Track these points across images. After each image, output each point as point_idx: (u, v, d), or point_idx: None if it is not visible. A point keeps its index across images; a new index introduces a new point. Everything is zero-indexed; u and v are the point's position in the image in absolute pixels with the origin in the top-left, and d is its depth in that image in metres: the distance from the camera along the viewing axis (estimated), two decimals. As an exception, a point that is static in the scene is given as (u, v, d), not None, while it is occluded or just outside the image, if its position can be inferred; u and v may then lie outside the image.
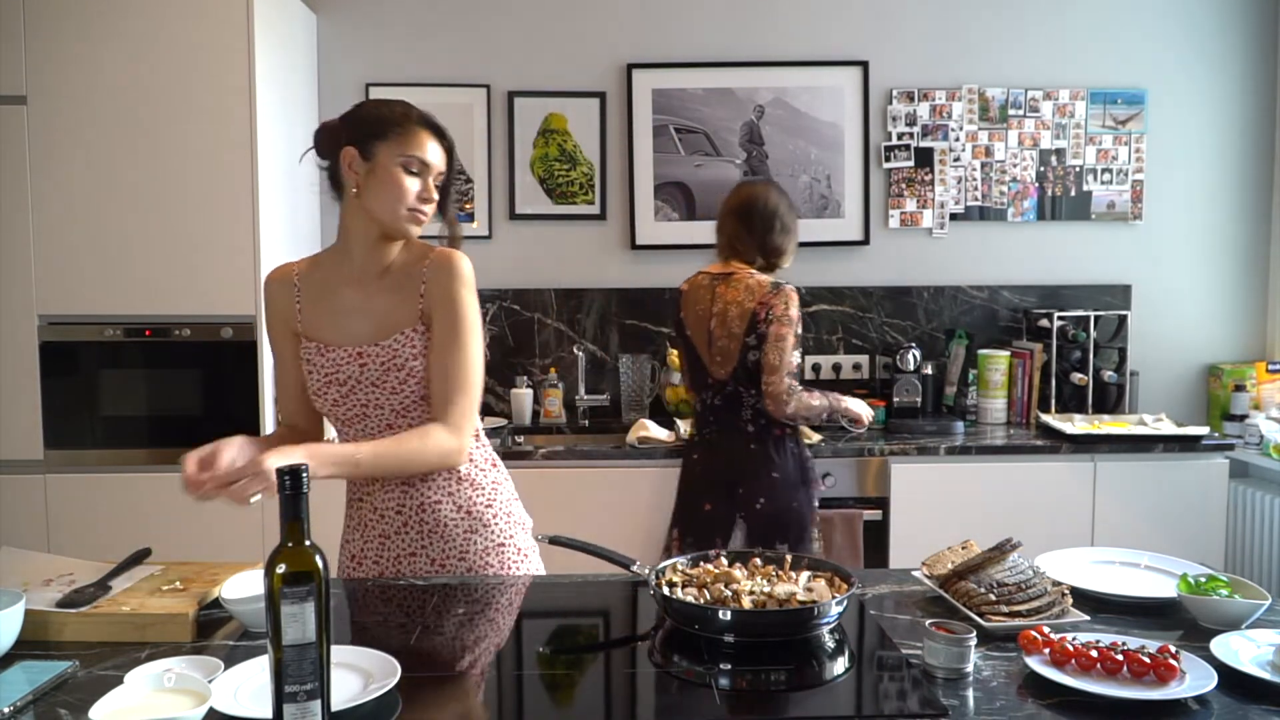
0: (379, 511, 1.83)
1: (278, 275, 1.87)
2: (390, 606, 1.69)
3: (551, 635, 1.63)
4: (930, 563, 1.72)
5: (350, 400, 1.77)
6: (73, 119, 2.95)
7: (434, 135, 1.77)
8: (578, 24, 3.67)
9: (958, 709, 1.27)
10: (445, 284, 1.76)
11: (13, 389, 3.01)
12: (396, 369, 1.74)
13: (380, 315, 1.77)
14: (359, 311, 1.78)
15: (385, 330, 1.76)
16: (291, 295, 1.84)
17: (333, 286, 1.81)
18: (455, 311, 1.75)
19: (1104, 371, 3.55)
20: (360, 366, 1.76)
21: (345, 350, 1.77)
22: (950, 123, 3.71)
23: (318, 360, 1.79)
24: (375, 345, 1.75)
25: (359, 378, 1.76)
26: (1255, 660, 1.38)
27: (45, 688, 1.31)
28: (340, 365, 1.77)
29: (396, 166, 1.74)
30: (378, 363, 1.75)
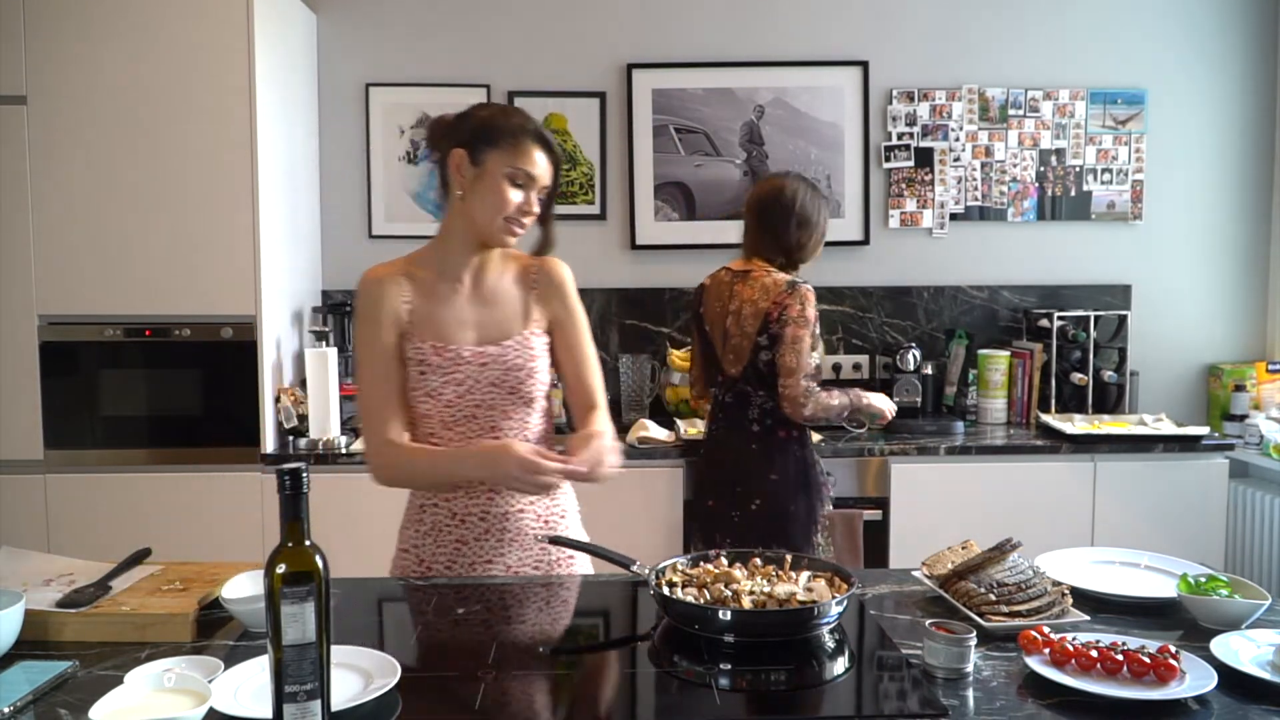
0: (458, 517, 1.83)
1: (382, 273, 1.82)
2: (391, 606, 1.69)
3: (551, 635, 1.63)
4: (930, 563, 1.73)
5: (465, 400, 1.79)
6: (73, 119, 2.95)
7: (544, 149, 1.78)
8: (578, 24, 3.67)
9: (958, 709, 1.27)
10: (563, 293, 1.88)
11: (13, 389, 3.01)
12: (515, 369, 1.80)
13: (495, 318, 1.82)
14: (473, 313, 1.82)
15: (502, 332, 1.82)
16: (400, 293, 1.81)
17: (439, 287, 1.82)
18: (578, 319, 1.89)
19: (1104, 371, 3.55)
20: (481, 367, 1.79)
21: (466, 350, 1.79)
22: (950, 123, 3.71)
23: (434, 360, 1.78)
24: (496, 346, 1.80)
25: (478, 378, 1.79)
26: (1255, 660, 1.38)
27: (45, 688, 1.31)
28: (459, 365, 1.78)
29: (503, 177, 1.75)
30: (499, 364, 1.79)
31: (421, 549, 1.86)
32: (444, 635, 1.58)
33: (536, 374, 1.82)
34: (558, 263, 1.89)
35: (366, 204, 3.66)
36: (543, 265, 1.88)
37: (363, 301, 1.81)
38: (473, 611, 1.68)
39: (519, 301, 1.85)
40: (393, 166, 3.66)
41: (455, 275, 1.83)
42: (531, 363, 1.81)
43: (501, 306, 1.83)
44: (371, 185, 3.66)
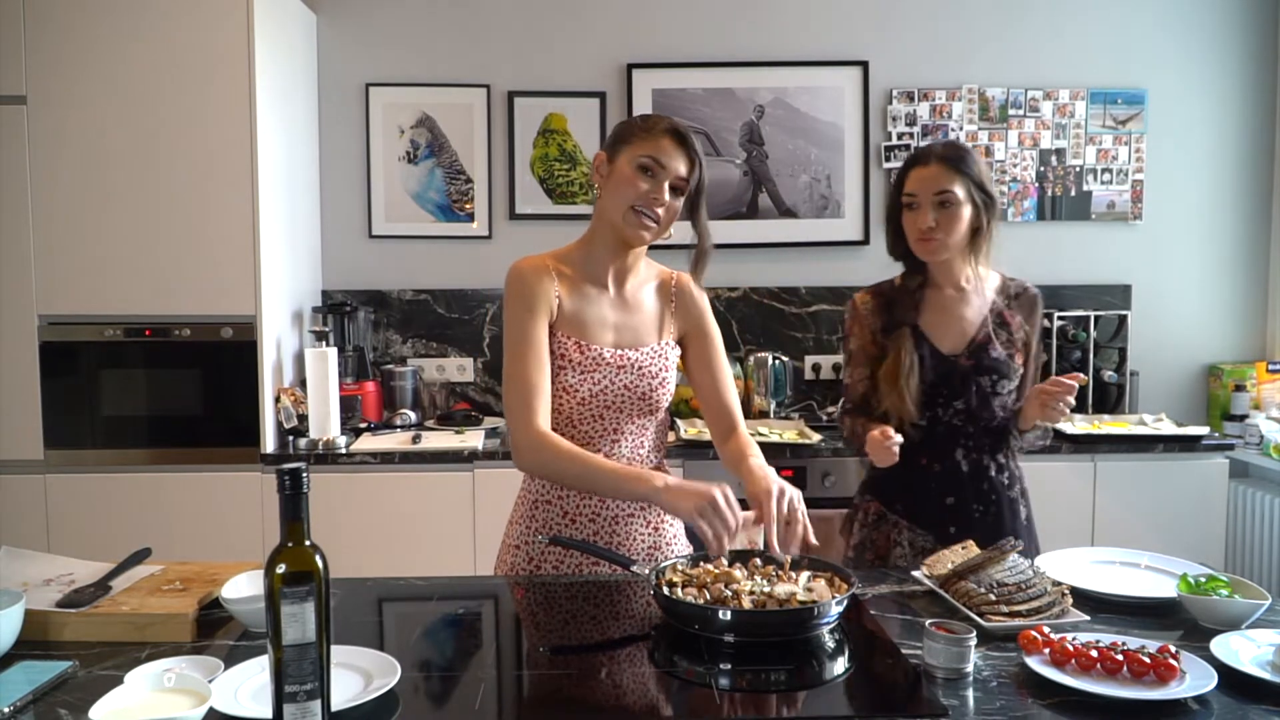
0: (569, 516, 1.84)
1: (534, 264, 1.83)
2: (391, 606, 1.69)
3: (551, 635, 1.63)
4: (930, 563, 1.73)
5: (597, 400, 1.81)
6: (73, 119, 2.95)
7: (678, 143, 1.78)
8: (578, 24, 3.67)
9: (958, 709, 1.27)
10: (699, 309, 1.92)
11: (13, 389, 3.01)
12: (650, 376, 1.83)
13: (634, 324, 1.85)
14: (614, 316, 1.85)
15: (640, 339, 1.86)
16: (552, 285, 1.82)
17: (584, 287, 1.84)
18: (715, 336, 1.93)
19: (1104, 371, 3.55)
20: (619, 369, 1.82)
21: (608, 350, 1.82)
22: (950, 123, 3.71)
23: (576, 356, 1.81)
24: (636, 351, 1.84)
25: (614, 380, 1.81)
26: (1255, 660, 1.38)
27: (45, 688, 1.31)
28: (600, 364, 1.81)
29: (633, 166, 1.77)
30: (636, 368, 1.83)
31: (531, 547, 1.86)
32: (444, 635, 1.58)
33: (667, 384, 1.86)
34: (692, 279, 1.91)
35: (366, 204, 3.66)
36: (680, 280, 1.92)
37: (518, 289, 1.81)
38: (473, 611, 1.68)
39: (657, 312, 1.89)
40: (393, 166, 3.66)
41: (598, 277, 1.85)
42: (665, 372, 1.85)
43: (641, 314, 1.87)
44: (371, 185, 3.66)
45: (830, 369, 3.71)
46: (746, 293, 3.72)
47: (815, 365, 3.71)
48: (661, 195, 1.76)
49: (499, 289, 3.72)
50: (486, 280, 3.66)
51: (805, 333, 3.73)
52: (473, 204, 3.67)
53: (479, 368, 3.68)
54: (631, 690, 1.40)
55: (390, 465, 3.08)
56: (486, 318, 3.67)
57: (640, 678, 1.43)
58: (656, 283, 1.91)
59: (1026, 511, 2.20)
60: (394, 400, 3.49)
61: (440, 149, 3.66)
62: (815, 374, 3.71)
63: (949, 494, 2.14)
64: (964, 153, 2.12)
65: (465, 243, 3.67)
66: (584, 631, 1.66)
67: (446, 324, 3.66)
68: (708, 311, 1.93)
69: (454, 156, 3.67)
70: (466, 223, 3.68)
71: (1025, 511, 2.20)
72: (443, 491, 3.07)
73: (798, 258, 3.72)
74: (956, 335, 2.18)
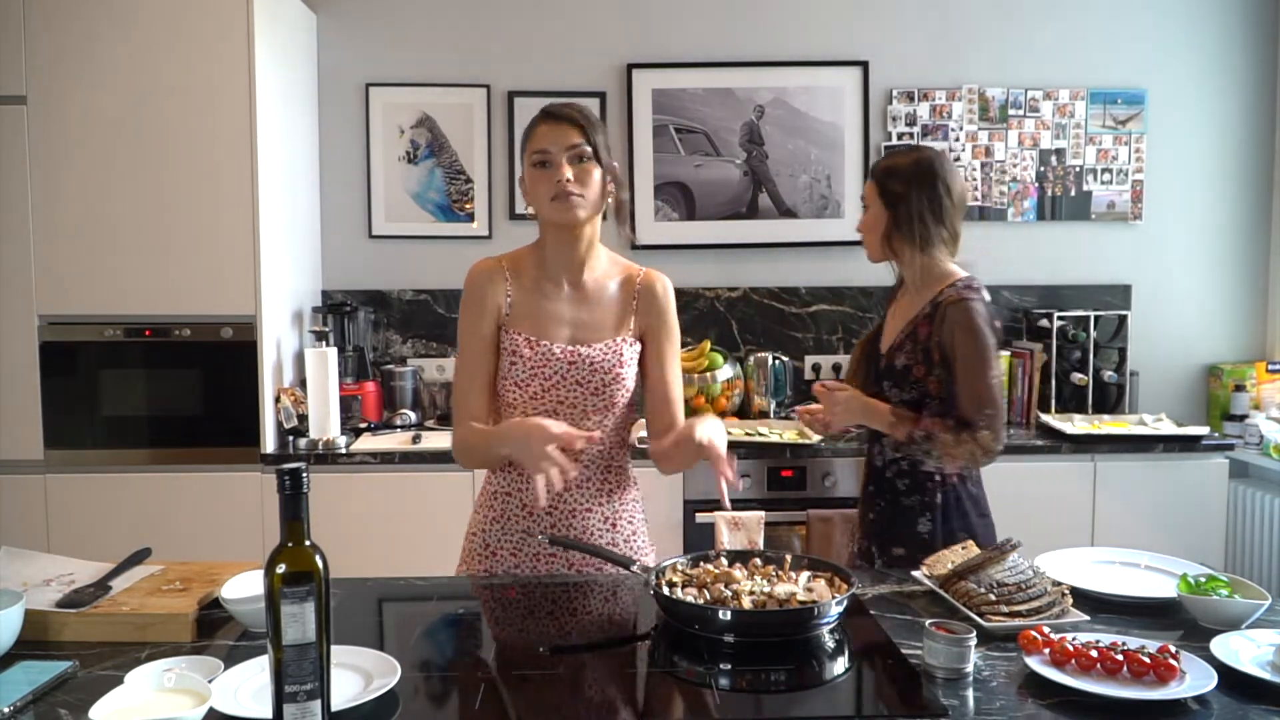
0: (527, 508, 1.86)
1: (487, 266, 1.89)
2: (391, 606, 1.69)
3: (551, 635, 1.63)
4: (930, 563, 1.73)
5: (548, 395, 1.82)
6: (73, 119, 2.95)
7: (554, 122, 1.81)
8: (578, 24, 3.67)
9: (958, 709, 1.27)
10: (663, 306, 1.91)
11: (13, 389, 3.01)
12: (604, 372, 1.83)
13: (591, 319, 1.86)
14: (570, 312, 1.86)
15: (596, 335, 1.86)
16: (503, 287, 1.87)
17: (541, 283, 1.87)
18: (675, 331, 1.93)
19: (1104, 371, 3.55)
20: (570, 364, 1.82)
21: (558, 346, 1.83)
22: (950, 123, 3.71)
23: (526, 352, 1.83)
24: (588, 346, 1.84)
25: (565, 374, 1.82)
26: (1255, 660, 1.38)
27: (45, 688, 1.31)
28: (549, 360, 1.82)
29: (531, 168, 1.83)
30: (588, 363, 1.83)
31: (489, 534, 1.89)
32: (444, 635, 1.58)
33: (623, 380, 1.85)
34: (660, 277, 1.92)
35: (366, 204, 3.66)
36: (646, 277, 1.91)
37: (467, 291, 1.88)
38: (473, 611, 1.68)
39: (617, 307, 1.88)
40: (393, 166, 3.66)
41: (555, 274, 1.87)
42: (620, 368, 1.85)
43: (599, 309, 1.87)
44: (371, 185, 3.66)
45: (830, 369, 3.71)
46: (746, 293, 3.72)
47: (815, 365, 3.71)
48: (563, 173, 1.78)
49: (499, 289, 3.73)
50: (486, 280, 3.65)
51: (805, 333, 3.73)
52: (473, 204, 3.67)
53: (479, 368, 3.68)
54: (631, 690, 1.40)
55: (390, 465, 3.08)
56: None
57: (640, 678, 1.43)
58: (621, 278, 1.91)
59: (931, 527, 2.12)
60: (394, 400, 3.49)
61: (440, 149, 3.66)
62: (815, 374, 3.70)
63: (869, 484, 2.27)
64: None
65: (465, 243, 3.67)
66: (584, 631, 1.67)
67: (446, 324, 3.66)
68: (671, 310, 1.92)
69: (454, 156, 3.67)
70: (466, 223, 3.68)
71: (930, 526, 2.12)
72: (443, 491, 3.07)
73: (798, 258, 3.72)
74: (890, 335, 2.25)
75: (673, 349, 1.93)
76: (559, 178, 1.78)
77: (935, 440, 2.05)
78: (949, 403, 2.08)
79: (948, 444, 2.03)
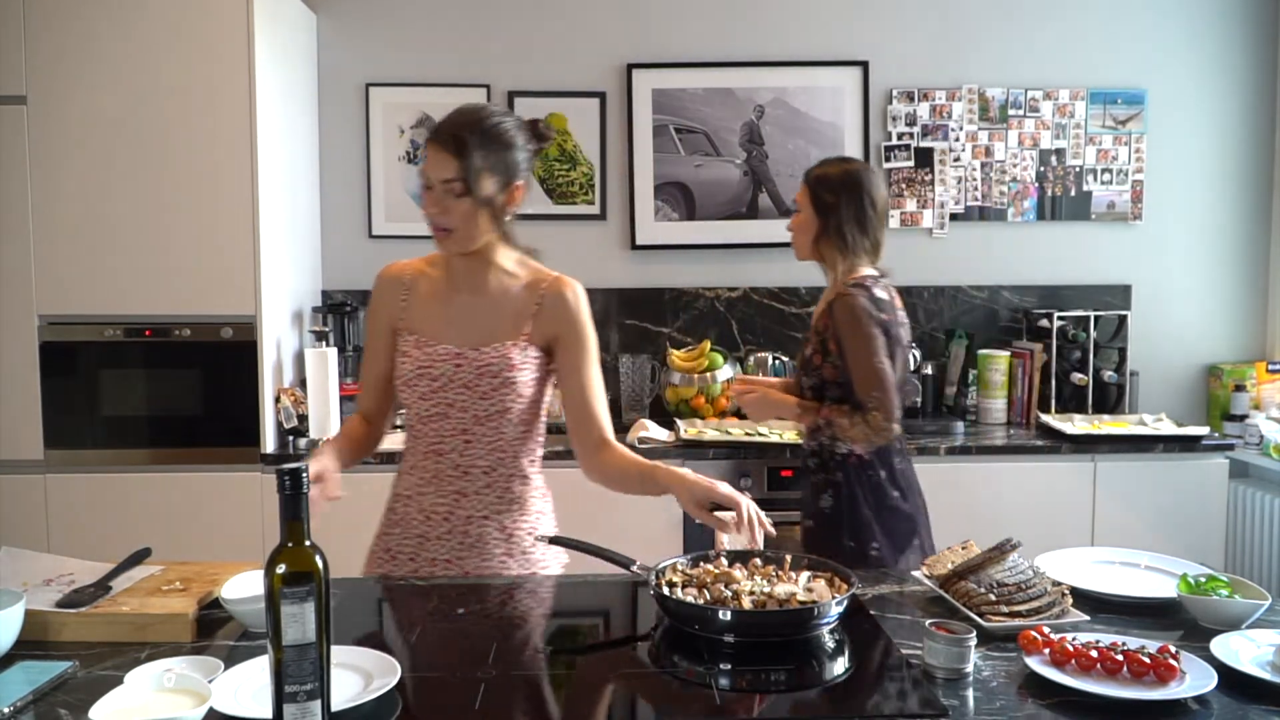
0: (425, 513, 1.86)
1: (391, 271, 1.93)
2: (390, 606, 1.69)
3: (551, 635, 1.63)
4: (930, 563, 1.73)
5: (436, 397, 1.82)
6: (73, 119, 2.95)
7: (438, 146, 1.76)
8: (578, 24, 3.67)
9: (958, 709, 1.27)
10: (571, 314, 1.86)
11: (13, 389, 3.01)
12: (490, 376, 1.81)
13: (485, 323, 1.84)
14: (465, 315, 1.85)
15: (486, 339, 1.83)
16: (399, 292, 1.90)
17: (444, 288, 1.87)
18: (584, 338, 1.87)
19: (1104, 371, 3.55)
20: (455, 366, 1.81)
21: (444, 348, 1.83)
22: (950, 123, 3.71)
23: (414, 353, 1.84)
24: (475, 350, 1.82)
25: (451, 376, 1.81)
26: (1255, 660, 1.38)
27: (45, 688, 1.31)
28: (435, 361, 1.82)
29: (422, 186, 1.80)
30: (473, 366, 1.81)
31: (389, 538, 1.91)
32: (444, 635, 1.58)
33: (514, 385, 1.81)
34: (570, 284, 1.88)
35: (366, 204, 3.66)
36: (554, 285, 1.87)
37: (371, 295, 1.94)
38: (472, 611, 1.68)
39: (515, 312, 1.85)
40: (393, 166, 3.66)
41: (455, 280, 1.87)
42: (510, 373, 1.81)
43: (495, 314, 1.84)
44: (371, 185, 3.66)
45: (830, 369, 3.71)
46: (746, 293, 3.72)
47: (815, 365, 3.71)
48: (430, 207, 1.76)
49: (499, 289, 3.72)
50: (486, 280, 3.66)
51: (805, 332, 3.73)
52: (473, 204, 3.67)
53: (479, 368, 3.68)
54: (631, 690, 1.40)
55: (390, 465, 3.04)
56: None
57: (640, 678, 1.43)
58: (526, 283, 1.87)
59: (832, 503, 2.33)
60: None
61: (440, 149, 3.66)
62: (815, 374, 3.70)
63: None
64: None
65: (465, 243, 3.66)
66: (584, 631, 1.67)
67: (446, 324, 3.66)
68: (581, 319, 1.86)
69: (454, 156, 3.66)
70: (466, 223, 3.68)
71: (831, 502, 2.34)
72: (443, 491, 3.06)
73: (797, 258, 3.72)
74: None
75: (587, 359, 1.88)
76: (429, 209, 1.77)
77: (834, 425, 2.28)
78: (846, 388, 2.29)
79: (844, 427, 2.26)
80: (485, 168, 1.75)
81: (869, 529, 2.30)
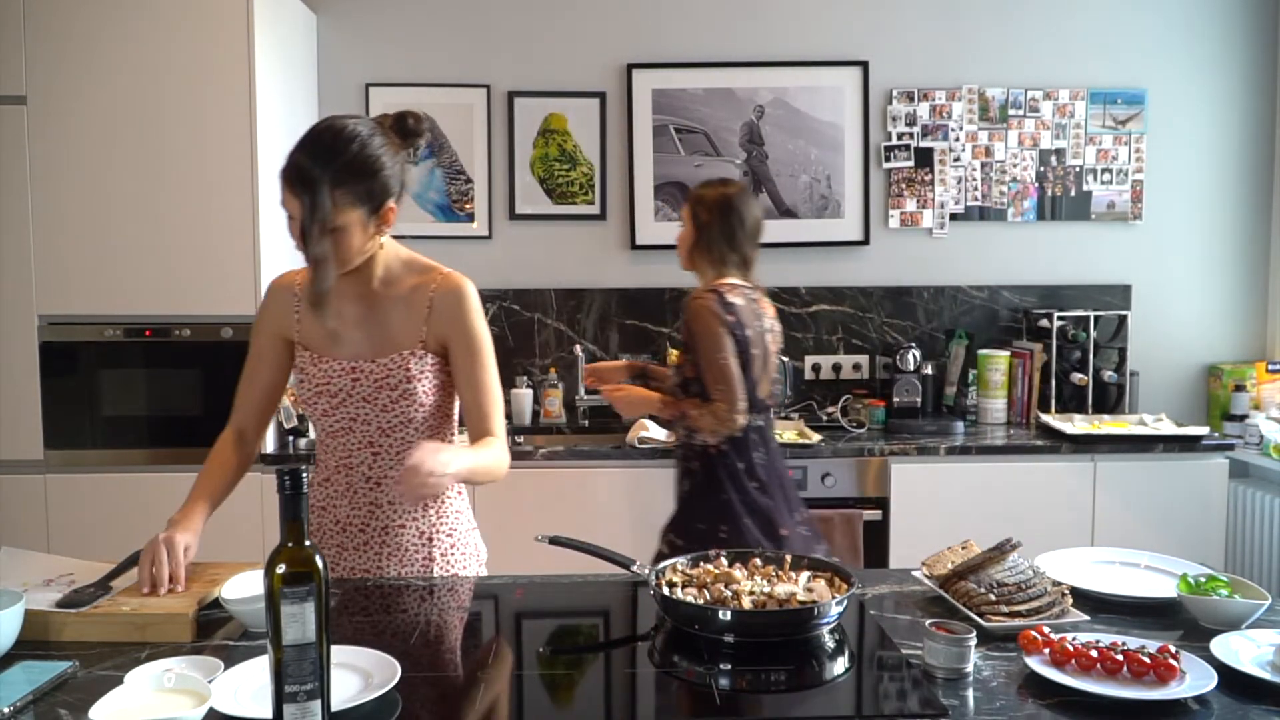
0: (341, 525, 1.83)
1: (283, 281, 1.88)
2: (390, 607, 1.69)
3: (551, 635, 1.63)
4: (930, 563, 1.73)
5: (338, 413, 1.78)
6: (73, 119, 2.95)
7: (284, 183, 1.65)
8: (578, 24, 3.67)
9: (958, 709, 1.27)
10: (458, 314, 1.77)
11: (13, 389, 3.01)
12: (390, 388, 1.75)
13: (380, 333, 1.78)
14: (359, 326, 1.78)
15: (383, 348, 1.77)
16: (291, 303, 1.83)
17: (333, 300, 1.73)
18: (475, 339, 1.78)
19: (1104, 371, 3.55)
20: (353, 380, 1.76)
21: (340, 363, 1.77)
22: (950, 123, 3.71)
23: (310, 370, 1.79)
24: (371, 362, 1.76)
25: (350, 391, 1.76)
26: (1255, 660, 1.38)
27: (45, 688, 1.31)
28: (333, 377, 1.77)
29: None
30: (371, 379, 1.75)
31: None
32: (444, 635, 1.58)
33: (414, 395, 1.75)
34: (459, 281, 1.79)
35: (366, 204, 3.66)
36: (442, 283, 1.77)
37: (261, 304, 1.89)
38: (473, 612, 1.68)
39: (410, 319, 1.76)
40: (393, 166, 3.66)
41: (345, 288, 1.75)
42: (407, 383, 1.75)
43: (390, 322, 1.77)
44: (371, 185, 3.66)
45: (830, 369, 3.72)
46: (746, 293, 3.72)
47: (815, 365, 3.71)
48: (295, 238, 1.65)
49: (499, 289, 3.75)
50: (486, 280, 3.66)
51: (805, 333, 3.73)
52: (473, 204, 3.67)
53: (479, 368, 3.68)
54: (631, 690, 1.40)
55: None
56: (486, 317, 3.66)
57: (640, 678, 1.43)
58: (414, 285, 1.77)
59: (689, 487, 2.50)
60: (394, 400, 3.49)
61: (440, 149, 3.66)
62: (815, 374, 3.71)
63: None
64: None
65: (465, 243, 3.67)
66: (584, 631, 1.66)
67: (446, 324, 3.65)
68: (468, 315, 1.77)
69: (454, 156, 3.67)
70: (466, 223, 3.68)
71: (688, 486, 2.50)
72: (443, 491, 3.06)
73: (798, 258, 3.72)
74: None
75: (475, 358, 1.77)
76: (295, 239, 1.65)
77: (687, 416, 2.44)
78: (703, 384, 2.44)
79: (695, 417, 2.42)
80: (348, 203, 1.63)
81: (720, 514, 2.43)
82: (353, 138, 1.65)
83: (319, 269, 1.63)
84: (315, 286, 1.64)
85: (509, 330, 3.68)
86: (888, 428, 3.42)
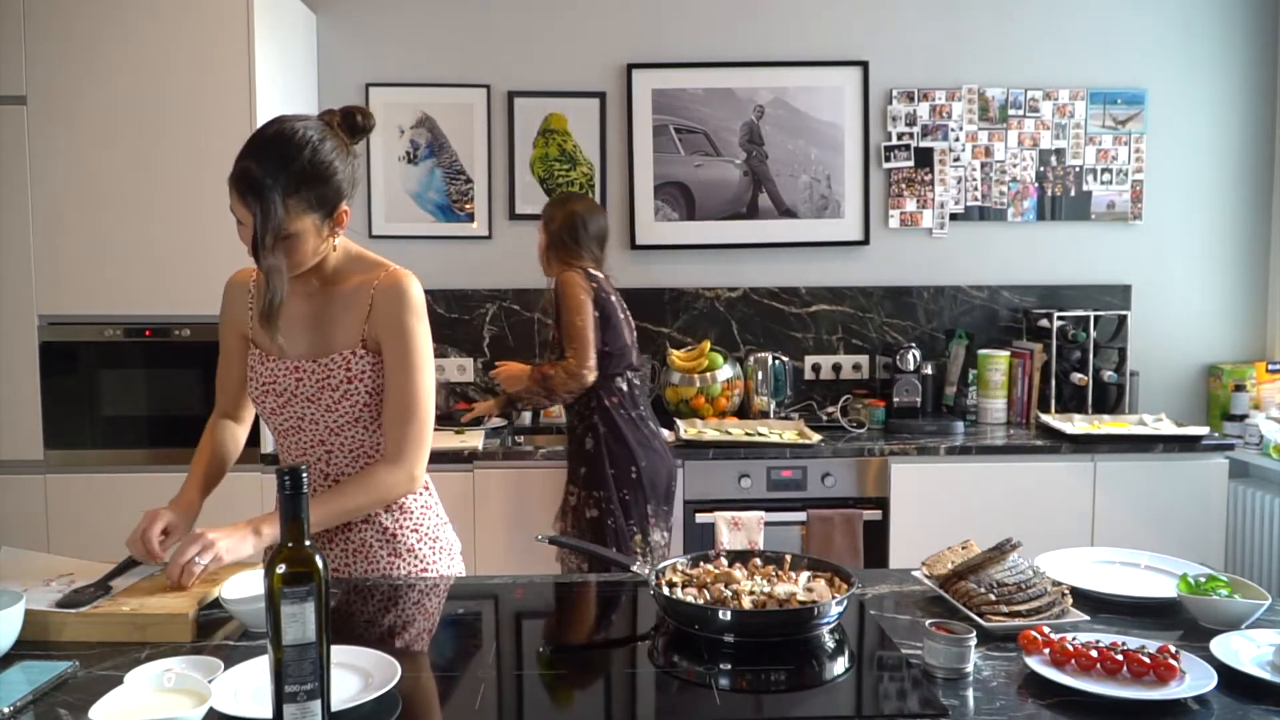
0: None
1: (238, 278, 1.88)
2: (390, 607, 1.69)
3: (551, 635, 1.63)
4: (930, 563, 1.73)
5: (286, 411, 1.77)
6: (72, 119, 2.95)
7: (233, 189, 1.64)
8: (578, 24, 3.67)
9: (958, 709, 1.27)
10: (394, 311, 1.71)
11: (13, 389, 3.01)
12: (331, 389, 1.72)
13: (324, 332, 1.75)
14: (305, 325, 1.76)
15: (326, 348, 1.74)
16: (245, 300, 1.83)
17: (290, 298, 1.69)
18: (404, 340, 1.71)
19: (1104, 371, 3.55)
20: (296, 380, 1.74)
21: (284, 363, 1.75)
22: (950, 123, 3.71)
23: (258, 368, 1.78)
24: (313, 362, 1.73)
25: (294, 391, 1.75)
26: (1255, 660, 1.38)
27: (45, 688, 1.31)
28: (278, 377, 1.75)
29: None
30: (313, 379, 1.73)
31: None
32: (444, 635, 1.58)
33: (356, 394, 1.71)
34: (401, 277, 1.73)
35: (366, 204, 3.66)
36: (384, 280, 1.73)
37: (222, 300, 1.90)
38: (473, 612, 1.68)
39: (352, 317, 1.73)
40: (393, 166, 3.66)
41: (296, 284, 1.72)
42: (348, 383, 1.71)
43: (331, 321, 1.74)
44: (371, 185, 3.66)
45: (830, 369, 3.72)
46: (746, 293, 3.72)
47: (815, 365, 3.71)
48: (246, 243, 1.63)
49: (499, 289, 3.75)
50: (486, 280, 3.66)
51: (805, 333, 3.74)
52: (473, 204, 3.67)
53: (479, 368, 3.68)
54: (631, 690, 1.40)
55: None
56: (486, 318, 3.67)
57: (640, 678, 1.43)
58: (359, 283, 1.73)
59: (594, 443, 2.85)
60: (394, 400, 3.49)
61: (440, 149, 3.66)
62: (815, 374, 3.71)
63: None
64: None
65: (465, 243, 3.67)
66: (584, 631, 1.67)
67: (446, 324, 3.65)
68: (404, 313, 1.71)
69: (454, 156, 3.67)
70: (466, 223, 3.68)
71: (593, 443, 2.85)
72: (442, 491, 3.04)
73: (798, 258, 3.73)
74: None
75: (402, 360, 1.70)
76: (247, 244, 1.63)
77: (547, 378, 2.81)
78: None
79: (551, 376, 2.80)
80: (301, 210, 1.61)
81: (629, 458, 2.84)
82: (304, 144, 1.62)
83: (271, 279, 1.60)
84: (268, 297, 1.61)
85: (509, 330, 3.68)
86: (888, 428, 3.42)
